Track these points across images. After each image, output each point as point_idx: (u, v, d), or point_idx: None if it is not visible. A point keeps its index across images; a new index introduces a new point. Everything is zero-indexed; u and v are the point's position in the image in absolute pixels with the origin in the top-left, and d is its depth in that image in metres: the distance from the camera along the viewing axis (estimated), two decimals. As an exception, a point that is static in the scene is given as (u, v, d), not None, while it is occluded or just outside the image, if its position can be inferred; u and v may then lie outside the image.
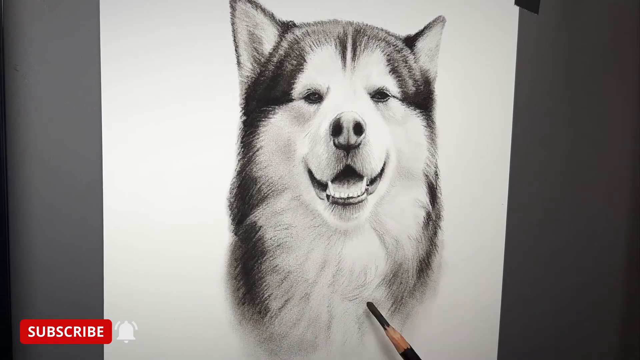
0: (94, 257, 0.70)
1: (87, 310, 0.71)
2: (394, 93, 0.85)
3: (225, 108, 0.76)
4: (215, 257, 0.77)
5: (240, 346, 0.79)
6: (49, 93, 0.68)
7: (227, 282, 0.77)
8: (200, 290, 0.76)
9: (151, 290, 0.74)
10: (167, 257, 0.74)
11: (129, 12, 0.70)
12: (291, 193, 0.80)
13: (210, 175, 0.76)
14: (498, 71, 0.93)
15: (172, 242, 0.74)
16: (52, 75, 0.68)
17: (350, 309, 0.85)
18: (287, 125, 0.79)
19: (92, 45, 0.69)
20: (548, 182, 0.97)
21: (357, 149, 0.80)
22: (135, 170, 0.72)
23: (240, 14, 0.76)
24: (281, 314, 0.81)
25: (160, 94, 0.72)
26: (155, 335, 0.74)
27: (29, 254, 0.68)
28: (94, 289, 0.71)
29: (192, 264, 0.75)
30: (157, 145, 0.72)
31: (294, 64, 0.79)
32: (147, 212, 0.72)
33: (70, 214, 0.70)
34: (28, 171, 0.67)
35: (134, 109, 0.71)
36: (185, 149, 0.74)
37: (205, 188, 0.75)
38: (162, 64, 0.72)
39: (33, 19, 0.67)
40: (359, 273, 0.85)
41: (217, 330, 0.77)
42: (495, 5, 0.91)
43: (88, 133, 0.69)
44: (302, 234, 0.81)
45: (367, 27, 0.83)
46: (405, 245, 0.87)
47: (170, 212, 0.74)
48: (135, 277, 0.72)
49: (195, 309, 0.76)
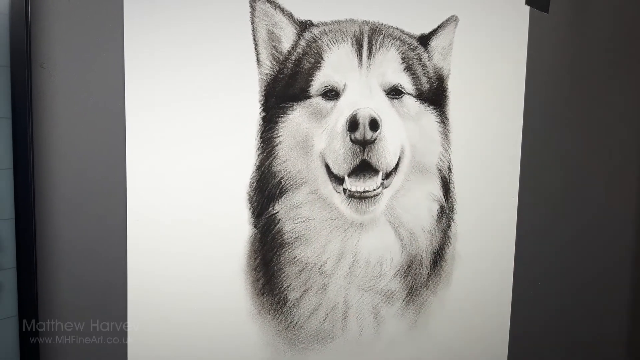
0: (117, 249, 0.68)
1: (112, 300, 0.69)
2: (409, 90, 0.82)
3: (245, 104, 0.73)
4: (236, 249, 0.74)
5: (260, 335, 0.76)
6: (74, 90, 0.66)
7: (247, 274, 0.75)
8: (221, 281, 0.74)
9: (174, 281, 0.71)
10: (189, 249, 0.72)
11: (151, 13, 0.68)
12: (309, 187, 0.78)
13: (231, 170, 0.73)
14: (509, 69, 0.89)
15: (194, 234, 0.72)
16: (77, 72, 0.66)
17: (366, 299, 0.82)
18: (305, 121, 0.77)
19: (116, 43, 0.66)
20: (558, 175, 0.94)
21: (373, 144, 0.78)
22: (157, 164, 0.69)
23: (260, 13, 0.73)
24: (299, 304, 0.79)
25: (182, 91, 0.70)
26: (177, 324, 0.72)
27: (54, 248, 0.66)
28: (118, 281, 0.68)
29: (213, 256, 0.73)
30: (179, 141, 0.70)
31: (311, 61, 0.77)
32: (170, 206, 0.70)
33: (95, 208, 0.68)
34: (54, 163, 0.65)
35: (157, 106, 0.69)
36: (206, 144, 0.71)
37: (226, 182, 0.73)
38: (184, 62, 0.70)
39: (58, 18, 0.64)
40: (374, 264, 0.82)
41: (238, 320, 0.75)
42: (506, 5, 0.88)
43: (112, 128, 0.67)
44: (320, 227, 0.79)
45: (382, 26, 0.80)
46: (420, 237, 0.84)
47: (192, 206, 0.71)
48: (158, 268, 0.70)
49: (217, 299, 0.74)
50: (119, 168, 0.66)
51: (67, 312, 0.68)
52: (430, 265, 0.86)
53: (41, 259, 0.65)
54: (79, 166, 0.66)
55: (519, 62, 0.90)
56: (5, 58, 0.61)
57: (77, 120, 0.65)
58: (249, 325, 0.76)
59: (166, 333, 0.71)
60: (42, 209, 0.64)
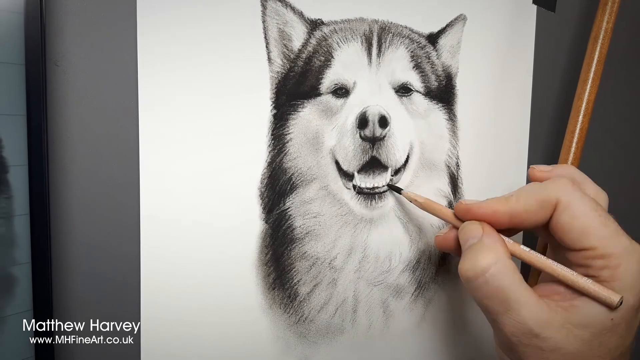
0: (130, 244, 0.66)
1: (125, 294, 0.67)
2: (418, 88, 0.80)
3: (257, 102, 0.71)
4: (247, 244, 0.72)
5: (271, 329, 0.74)
6: (88, 88, 0.64)
7: (258, 268, 0.73)
8: (233, 276, 0.72)
9: (187, 275, 0.69)
10: (201, 245, 0.70)
11: (164, 12, 0.66)
12: (319, 183, 0.76)
13: (242, 166, 0.71)
14: (517, 67, 0.87)
15: (206, 230, 0.70)
16: (91, 70, 0.64)
17: (375, 294, 0.80)
18: (315, 119, 0.75)
19: (129, 42, 0.64)
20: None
21: (382, 141, 0.76)
22: (170, 160, 0.67)
23: (271, 12, 0.71)
24: (310, 298, 0.77)
25: (194, 89, 0.67)
26: (189, 318, 0.70)
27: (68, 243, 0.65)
28: (131, 276, 0.67)
29: (225, 252, 0.71)
30: (191, 138, 0.68)
31: (322, 60, 0.75)
32: (182, 202, 0.68)
33: (108, 202, 0.66)
34: (68, 159, 0.64)
35: (169, 103, 0.67)
36: (217, 141, 0.69)
37: (238, 178, 0.71)
38: (196, 61, 0.67)
39: (72, 17, 0.63)
40: (383, 259, 0.80)
41: (249, 314, 0.73)
42: (514, 4, 0.86)
43: (125, 125, 0.65)
44: (330, 222, 0.77)
45: (391, 25, 0.78)
46: (428, 232, 0.82)
47: (204, 202, 0.69)
48: (171, 264, 0.68)
49: (229, 293, 0.72)
50: (132, 164, 0.65)
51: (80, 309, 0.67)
52: (439, 260, 0.84)
53: (55, 254, 0.63)
54: (92, 162, 0.64)
55: (526, 60, 0.88)
56: (21, 56, 0.59)
57: (91, 117, 0.64)
58: (261, 319, 0.74)
59: (178, 326, 0.69)
60: (57, 204, 0.63)
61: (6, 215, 0.60)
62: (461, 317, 0.87)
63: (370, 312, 0.81)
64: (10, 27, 0.59)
